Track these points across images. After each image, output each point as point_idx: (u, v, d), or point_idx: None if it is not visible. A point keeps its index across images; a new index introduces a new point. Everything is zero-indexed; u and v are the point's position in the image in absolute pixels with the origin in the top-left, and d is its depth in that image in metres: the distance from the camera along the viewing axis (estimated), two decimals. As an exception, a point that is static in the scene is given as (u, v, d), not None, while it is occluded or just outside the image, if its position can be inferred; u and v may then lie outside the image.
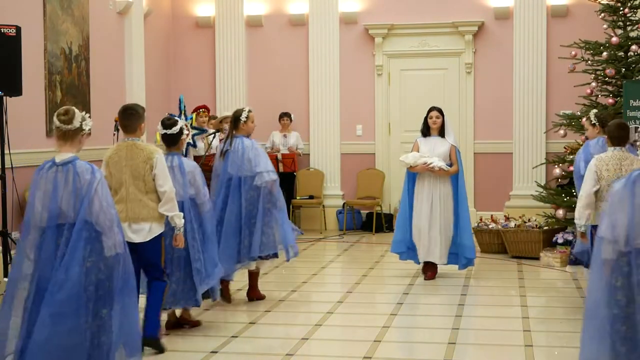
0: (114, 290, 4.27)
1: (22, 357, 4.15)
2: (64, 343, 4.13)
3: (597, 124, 6.77)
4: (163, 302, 5.44)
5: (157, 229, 5.31)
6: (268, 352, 5.52)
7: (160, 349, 5.36)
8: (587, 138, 7.06)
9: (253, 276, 6.88)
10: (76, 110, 4.44)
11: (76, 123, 4.39)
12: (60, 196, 4.27)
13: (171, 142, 5.83)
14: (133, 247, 5.02)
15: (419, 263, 7.82)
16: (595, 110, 7.00)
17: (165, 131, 5.82)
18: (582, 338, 3.92)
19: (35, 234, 4.30)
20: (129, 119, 5.37)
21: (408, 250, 7.83)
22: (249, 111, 6.80)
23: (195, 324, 6.04)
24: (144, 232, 5.25)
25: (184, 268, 5.72)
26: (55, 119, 4.42)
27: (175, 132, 5.80)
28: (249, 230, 6.51)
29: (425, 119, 7.79)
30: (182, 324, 5.99)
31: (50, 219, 4.26)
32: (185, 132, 5.89)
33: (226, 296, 6.66)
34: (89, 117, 4.52)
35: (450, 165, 7.66)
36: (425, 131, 7.82)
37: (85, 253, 4.19)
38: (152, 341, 5.31)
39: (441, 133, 7.74)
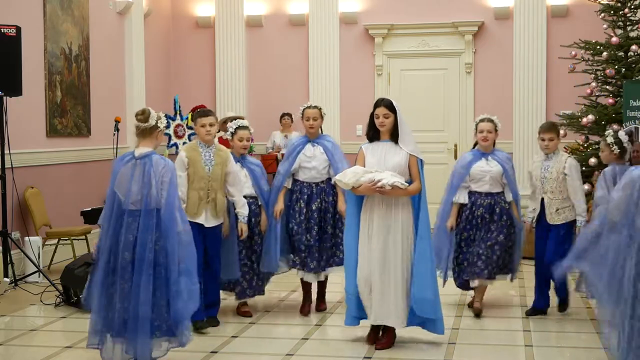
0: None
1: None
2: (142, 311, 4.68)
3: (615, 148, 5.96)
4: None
5: None
6: (268, 352, 5.52)
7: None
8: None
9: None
10: (152, 110, 4.87)
11: (152, 121, 4.84)
12: (136, 186, 4.74)
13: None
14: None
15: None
16: (611, 131, 6.13)
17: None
18: None
19: (114, 217, 4.79)
20: None
21: (358, 310, 5.56)
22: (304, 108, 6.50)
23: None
24: None
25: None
26: (135, 119, 4.89)
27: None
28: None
29: (372, 117, 5.63)
30: None
31: (127, 205, 4.76)
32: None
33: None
34: (165, 115, 4.96)
35: (410, 183, 5.41)
36: (373, 135, 5.60)
37: (154, 236, 4.71)
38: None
39: (394, 137, 5.54)
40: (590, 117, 8.28)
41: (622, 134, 6.02)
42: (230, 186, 5.99)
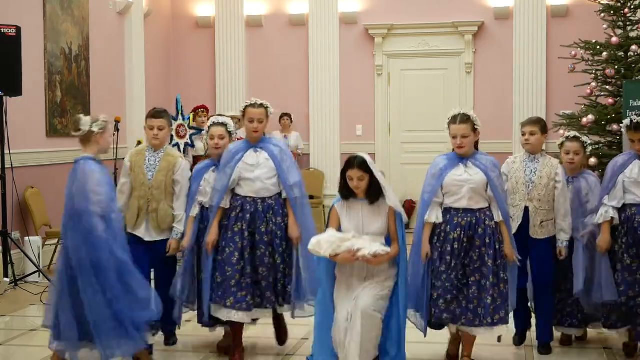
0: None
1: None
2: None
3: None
4: None
5: None
6: (268, 352, 5.52)
7: None
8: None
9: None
10: (82, 117, 4.86)
11: (85, 128, 4.82)
12: (71, 190, 4.72)
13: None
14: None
15: None
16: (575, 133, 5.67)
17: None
18: None
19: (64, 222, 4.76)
20: None
21: None
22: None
23: None
24: None
25: None
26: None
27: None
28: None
29: (344, 175, 4.88)
30: None
31: (65, 209, 4.73)
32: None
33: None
34: (104, 117, 4.88)
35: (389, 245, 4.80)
36: (347, 192, 4.88)
37: (80, 242, 4.61)
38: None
39: (371, 196, 4.81)
40: (590, 117, 8.28)
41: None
42: (174, 196, 5.31)
